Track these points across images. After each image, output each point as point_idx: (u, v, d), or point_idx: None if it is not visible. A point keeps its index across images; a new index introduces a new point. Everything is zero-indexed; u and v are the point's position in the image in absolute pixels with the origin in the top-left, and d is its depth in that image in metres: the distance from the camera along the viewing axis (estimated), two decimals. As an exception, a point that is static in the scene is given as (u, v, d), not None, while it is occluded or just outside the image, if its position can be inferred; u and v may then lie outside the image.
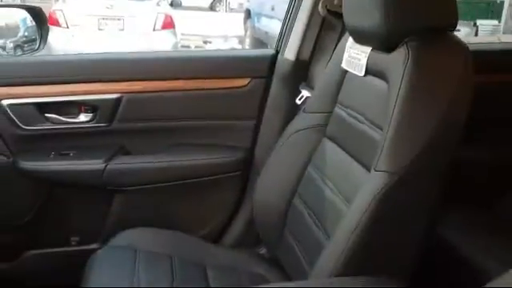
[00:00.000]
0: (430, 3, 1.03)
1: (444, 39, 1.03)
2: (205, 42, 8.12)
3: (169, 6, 7.55)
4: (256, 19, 7.75)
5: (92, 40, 5.79)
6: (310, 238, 1.19)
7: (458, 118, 0.97)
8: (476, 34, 9.78)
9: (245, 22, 8.75)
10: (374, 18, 1.03)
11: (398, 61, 1.00)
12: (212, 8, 13.44)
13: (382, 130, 1.00)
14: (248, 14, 8.50)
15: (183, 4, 12.85)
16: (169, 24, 6.63)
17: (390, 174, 0.94)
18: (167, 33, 6.54)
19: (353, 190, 1.04)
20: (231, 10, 12.58)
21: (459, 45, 1.03)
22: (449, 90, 0.96)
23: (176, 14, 7.10)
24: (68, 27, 6.05)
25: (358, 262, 0.95)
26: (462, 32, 9.76)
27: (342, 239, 0.96)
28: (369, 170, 1.01)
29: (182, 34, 7.36)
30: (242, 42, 8.41)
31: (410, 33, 1.01)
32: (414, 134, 0.95)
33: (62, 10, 6.08)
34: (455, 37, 1.05)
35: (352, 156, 1.15)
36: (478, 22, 10.28)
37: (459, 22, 1.03)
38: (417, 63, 0.97)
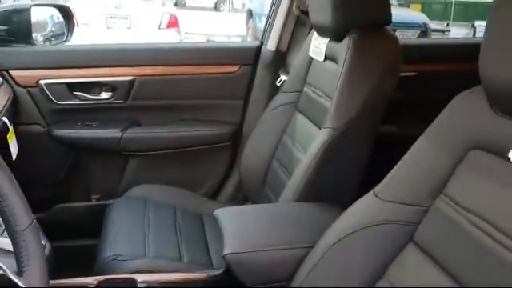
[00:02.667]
0: (368, 4, 1.37)
1: (379, 32, 1.37)
2: (208, 41, 8.37)
3: (174, 6, 7.82)
4: (257, 19, 7.92)
5: (101, 38, 6.01)
6: (282, 187, 1.42)
7: (385, 91, 1.31)
8: (474, 35, 10.05)
9: (247, 22, 8.98)
10: (327, 16, 1.38)
11: (343, 48, 1.35)
12: (216, 8, 13.68)
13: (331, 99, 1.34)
14: (250, 14, 8.71)
15: (188, 4, 13.06)
16: (173, 23, 6.87)
17: (333, 130, 1.28)
18: (172, 31, 6.77)
19: (309, 144, 1.36)
20: (235, 10, 12.80)
21: (390, 37, 1.37)
22: (379, 70, 1.31)
23: (181, 14, 7.38)
24: (78, 25, 6.32)
25: (309, 193, 1.29)
26: (462, 32, 10.03)
27: (298, 176, 1.30)
28: (320, 128, 1.35)
29: (186, 33, 7.58)
30: (244, 41, 8.62)
31: (353, 27, 1.36)
32: (351, 100, 1.29)
33: (73, 9, 6.33)
34: (389, 31, 1.40)
35: (312, 121, 1.49)
36: (476, 23, 10.55)
37: (458, 23, 1.35)
38: (355, 49, 1.31)
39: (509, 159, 0.69)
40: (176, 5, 9.14)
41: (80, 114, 1.84)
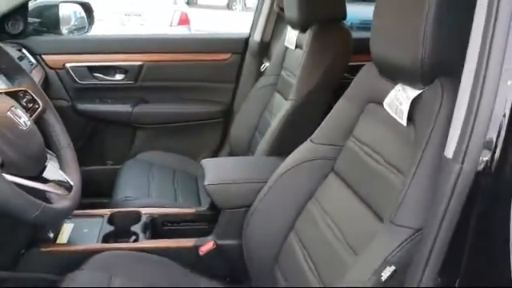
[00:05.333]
0: (327, 2, 1.72)
1: (334, 26, 1.73)
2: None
3: (185, 5, 8.16)
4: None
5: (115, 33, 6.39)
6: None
7: (336, 73, 1.67)
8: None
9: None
10: (294, 12, 1.74)
11: (306, 38, 1.72)
12: (229, 7, 13.98)
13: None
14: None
15: (200, 3, 13.29)
16: (184, 21, 7.18)
17: (295, 101, 1.65)
18: (182, 29, 7.13)
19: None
20: (247, 8, 13.07)
21: (343, 30, 1.73)
22: (331, 56, 1.66)
23: (192, 12, 7.71)
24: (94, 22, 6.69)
25: (275, 148, 1.62)
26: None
27: (268, 136, 1.66)
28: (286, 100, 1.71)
29: (196, 31, 7.94)
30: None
31: (315, 21, 1.72)
32: (309, 78, 1.66)
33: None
34: (343, 25, 1.76)
35: (284, 97, 1.85)
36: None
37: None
38: (314, 39, 1.68)
39: (383, 105, 1.05)
40: (188, 3, 9.42)
41: (98, 91, 2.22)
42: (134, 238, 1.45)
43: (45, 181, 0.94)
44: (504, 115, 0.61)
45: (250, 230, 1.30)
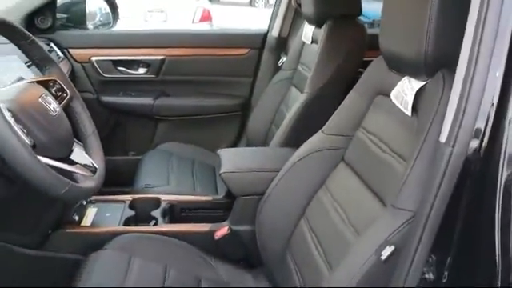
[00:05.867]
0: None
1: (349, 21, 1.78)
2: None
3: (208, 1, 8.25)
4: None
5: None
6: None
7: (350, 68, 1.72)
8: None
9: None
10: (311, 8, 1.79)
11: (322, 33, 1.76)
12: (251, 4, 14.06)
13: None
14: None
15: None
16: (206, 17, 7.27)
17: (309, 94, 1.70)
18: (205, 25, 7.22)
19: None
20: (270, 5, 13.13)
21: (358, 26, 1.77)
22: (345, 51, 1.71)
23: (215, 9, 7.79)
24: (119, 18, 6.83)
25: (290, 139, 1.69)
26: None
27: (283, 127, 1.72)
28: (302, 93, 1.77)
29: (218, 27, 8.01)
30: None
31: (330, 17, 1.77)
32: (323, 72, 1.71)
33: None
34: (359, 21, 1.80)
35: (300, 90, 1.91)
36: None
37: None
38: (329, 34, 1.73)
39: (390, 97, 1.10)
40: (210, 0, 9.51)
41: (122, 84, 2.30)
42: (153, 222, 1.53)
43: (72, 163, 1.02)
44: (492, 104, 0.66)
45: (263, 217, 1.36)
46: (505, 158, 0.65)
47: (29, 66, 1.49)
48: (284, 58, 2.25)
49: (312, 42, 1.90)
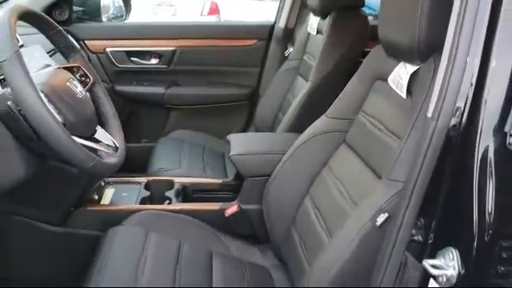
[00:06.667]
0: None
1: (352, 12, 1.86)
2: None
3: (216, -5, 8.30)
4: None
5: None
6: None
7: (353, 57, 1.80)
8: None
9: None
10: (315, 0, 1.87)
11: (326, 24, 1.85)
12: (260, -4, 14.05)
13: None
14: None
15: (230, -7, 13.34)
16: (214, 10, 7.37)
17: (313, 82, 1.79)
18: (213, 18, 7.30)
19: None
20: (277, -1, 13.10)
21: (361, 17, 1.85)
22: (348, 41, 1.80)
23: (222, 2, 7.86)
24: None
25: (295, 124, 1.78)
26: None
27: (289, 114, 1.81)
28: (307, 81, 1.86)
29: (225, 20, 8.09)
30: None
31: (334, 8, 1.85)
32: (327, 61, 1.79)
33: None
34: (362, 12, 1.88)
35: (305, 79, 2.00)
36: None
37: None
38: (333, 25, 1.81)
39: (387, 82, 1.19)
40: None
41: (135, 74, 2.41)
42: (167, 201, 1.63)
43: (96, 141, 1.12)
44: (471, 85, 0.75)
45: (270, 196, 1.46)
46: (481, 133, 0.74)
47: (51, 56, 1.59)
48: (290, 49, 2.34)
49: (317, 32, 1.99)
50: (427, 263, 0.76)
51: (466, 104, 0.75)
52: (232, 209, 1.55)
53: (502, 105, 0.73)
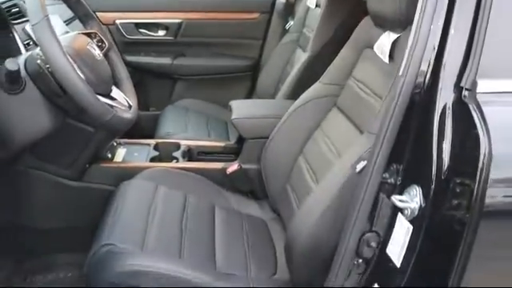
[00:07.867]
0: None
1: (348, -14, 1.97)
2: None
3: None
4: None
5: None
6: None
7: (348, 28, 1.88)
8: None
9: None
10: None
11: None
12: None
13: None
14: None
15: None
16: None
17: (312, 52, 1.91)
18: None
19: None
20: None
21: None
22: (345, 12, 1.90)
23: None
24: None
25: (294, 92, 1.90)
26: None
27: (287, 82, 1.94)
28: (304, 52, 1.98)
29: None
30: None
31: None
32: (323, 33, 1.91)
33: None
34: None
35: (304, 50, 2.12)
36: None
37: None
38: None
39: (373, 48, 1.31)
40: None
41: (143, 45, 2.53)
42: (175, 161, 1.78)
43: (112, 98, 1.26)
44: (433, 49, 0.88)
45: (268, 156, 1.59)
46: (441, 91, 0.87)
47: (67, 24, 1.72)
48: (291, 22, 2.45)
49: (316, 6, 2.10)
50: (395, 198, 0.90)
51: (429, 64, 0.89)
52: (233, 167, 1.70)
53: (460, 66, 0.86)
